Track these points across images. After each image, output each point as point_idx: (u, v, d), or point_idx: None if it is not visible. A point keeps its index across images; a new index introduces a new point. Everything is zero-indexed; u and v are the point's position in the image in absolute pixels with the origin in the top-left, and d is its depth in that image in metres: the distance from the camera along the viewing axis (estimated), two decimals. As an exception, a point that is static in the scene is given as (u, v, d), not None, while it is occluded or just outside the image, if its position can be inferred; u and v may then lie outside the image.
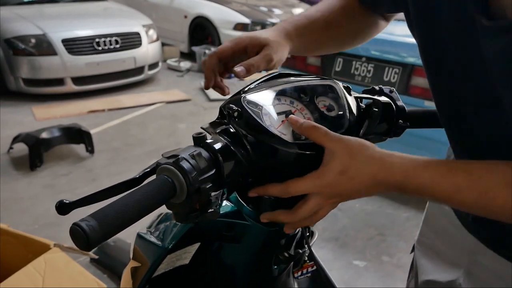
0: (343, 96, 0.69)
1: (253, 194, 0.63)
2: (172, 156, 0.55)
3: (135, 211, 0.49)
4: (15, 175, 3.12)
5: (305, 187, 0.59)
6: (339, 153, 0.58)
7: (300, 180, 0.59)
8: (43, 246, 1.41)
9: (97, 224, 0.45)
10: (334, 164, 0.58)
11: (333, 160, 0.58)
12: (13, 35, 4.51)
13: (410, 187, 0.57)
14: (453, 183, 0.55)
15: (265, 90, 0.66)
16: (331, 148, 0.58)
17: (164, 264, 0.76)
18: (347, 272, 2.26)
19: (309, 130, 0.60)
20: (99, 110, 4.47)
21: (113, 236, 0.48)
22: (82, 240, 0.45)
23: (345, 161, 0.57)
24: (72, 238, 0.46)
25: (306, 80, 0.70)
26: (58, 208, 0.53)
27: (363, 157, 0.58)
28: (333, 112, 0.67)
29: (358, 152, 0.58)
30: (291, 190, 0.60)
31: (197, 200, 0.56)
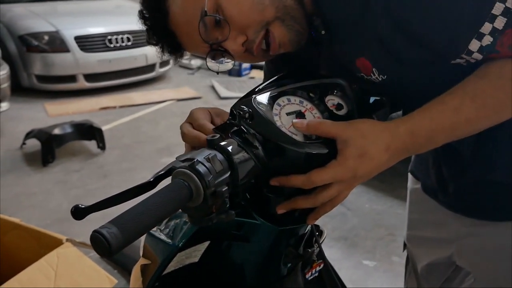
0: (351, 94, 0.69)
1: (275, 182, 0.63)
2: (187, 160, 0.55)
3: (154, 216, 0.49)
4: (27, 170, 3.16)
5: (328, 176, 0.60)
6: (352, 138, 0.59)
7: (323, 170, 0.59)
8: (55, 240, 1.42)
9: (118, 230, 0.45)
10: (351, 150, 0.59)
11: (348, 146, 0.59)
12: (26, 32, 4.57)
13: (420, 140, 0.61)
14: (450, 108, 0.60)
15: (274, 90, 0.67)
16: (342, 137, 0.59)
17: (174, 262, 0.76)
18: (356, 272, 2.25)
19: (316, 127, 0.61)
20: (111, 107, 4.51)
21: (134, 241, 0.48)
22: (104, 247, 0.45)
23: (360, 144, 0.59)
24: (93, 245, 0.46)
25: (314, 79, 0.71)
26: (74, 213, 0.53)
27: (374, 134, 0.60)
28: (342, 110, 0.67)
29: (368, 131, 0.60)
30: (315, 180, 0.60)
31: (213, 203, 0.55)
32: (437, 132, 0.61)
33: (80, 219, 0.53)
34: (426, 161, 0.89)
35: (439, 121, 0.60)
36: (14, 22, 4.69)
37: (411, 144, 0.61)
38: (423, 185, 0.93)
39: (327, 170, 0.59)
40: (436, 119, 0.60)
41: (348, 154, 0.59)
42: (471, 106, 0.59)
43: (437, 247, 0.92)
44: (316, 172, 0.59)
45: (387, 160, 0.60)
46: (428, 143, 0.62)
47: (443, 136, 0.62)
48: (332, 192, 0.61)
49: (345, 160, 0.59)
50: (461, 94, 0.60)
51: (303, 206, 0.64)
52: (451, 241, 0.89)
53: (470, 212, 0.83)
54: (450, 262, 0.91)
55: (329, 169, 0.59)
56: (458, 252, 0.88)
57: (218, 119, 0.72)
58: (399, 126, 0.61)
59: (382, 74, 0.65)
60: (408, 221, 1.02)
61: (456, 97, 0.60)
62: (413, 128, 0.60)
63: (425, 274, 0.99)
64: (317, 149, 0.61)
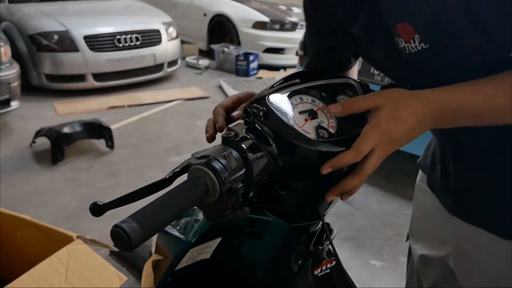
0: (361, 93, 0.70)
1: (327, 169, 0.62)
2: (204, 157, 0.56)
3: (172, 211, 0.50)
4: (37, 168, 3.19)
5: (370, 140, 0.60)
6: (385, 103, 0.61)
7: (362, 136, 0.60)
8: (66, 237, 1.44)
9: (137, 225, 0.46)
10: (384, 113, 0.61)
11: (381, 110, 0.61)
12: (36, 32, 4.61)
13: (447, 113, 0.62)
14: (483, 93, 0.61)
15: (287, 89, 0.68)
16: (376, 104, 0.62)
17: (186, 258, 0.77)
18: (363, 271, 2.25)
19: (351, 105, 0.63)
20: (119, 106, 4.53)
21: (152, 236, 0.49)
22: (124, 242, 0.46)
23: (392, 108, 0.61)
24: (113, 240, 0.47)
25: (327, 79, 0.72)
26: (92, 209, 0.54)
27: (404, 100, 0.62)
28: None
29: (399, 97, 0.62)
30: (362, 148, 0.60)
31: (228, 199, 0.57)
32: (464, 110, 0.62)
33: (99, 216, 0.54)
34: (434, 156, 0.89)
35: (469, 99, 0.61)
36: (24, 22, 4.73)
37: (438, 113, 0.62)
38: (428, 180, 0.93)
39: (368, 135, 0.60)
40: (467, 96, 0.61)
41: (381, 117, 0.61)
42: (503, 98, 0.60)
43: (435, 245, 0.93)
44: (359, 141, 0.60)
45: (416, 124, 0.61)
46: (453, 118, 0.63)
47: (468, 116, 0.63)
48: (376, 159, 0.62)
49: (379, 122, 0.61)
50: (498, 84, 0.61)
51: (352, 185, 0.64)
52: (448, 242, 0.89)
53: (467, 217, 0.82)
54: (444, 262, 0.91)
55: (368, 134, 0.60)
56: (454, 254, 0.88)
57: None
58: (429, 94, 0.62)
59: (425, 42, 0.63)
60: (412, 213, 1.03)
61: (492, 85, 0.61)
62: (443, 98, 0.61)
63: (420, 266, 1.00)
64: (329, 147, 0.62)
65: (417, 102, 0.61)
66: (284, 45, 6.13)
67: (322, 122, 0.65)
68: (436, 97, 0.62)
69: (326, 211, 0.75)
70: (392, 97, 0.62)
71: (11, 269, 1.44)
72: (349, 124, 0.65)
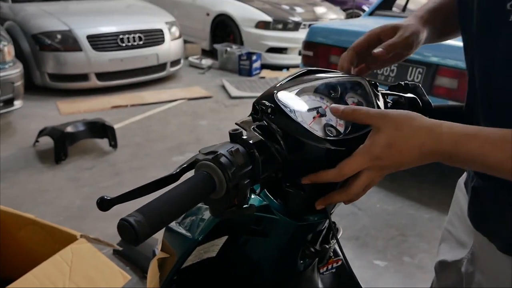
0: (370, 92, 0.70)
1: (306, 181, 0.62)
2: (211, 153, 0.56)
3: (179, 206, 0.50)
4: (40, 167, 3.20)
5: (357, 164, 0.59)
6: (385, 127, 0.58)
7: (350, 160, 0.59)
8: (69, 236, 1.44)
9: (144, 219, 0.46)
10: (380, 138, 0.58)
11: (378, 134, 0.58)
12: (40, 31, 4.62)
13: (459, 157, 0.57)
14: (504, 151, 0.54)
15: (295, 87, 0.67)
16: (375, 124, 0.59)
17: (192, 256, 0.77)
18: (367, 271, 2.24)
19: (351, 114, 0.61)
20: (122, 106, 4.54)
21: (159, 230, 0.48)
22: (131, 235, 0.46)
23: (391, 134, 0.57)
24: (119, 233, 0.46)
25: (335, 77, 0.71)
26: (100, 204, 0.54)
27: (410, 128, 0.57)
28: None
29: (405, 123, 0.58)
30: (346, 171, 0.59)
31: (235, 195, 0.57)
32: (479, 161, 0.56)
33: (106, 210, 0.54)
34: None
35: (487, 152, 0.55)
36: (28, 21, 4.75)
37: (447, 155, 0.57)
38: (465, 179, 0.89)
39: (354, 159, 0.59)
40: (486, 148, 0.55)
41: (376, 142, 0.58)
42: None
43: (455, 247, 0.91)
44: (345, 163, 0.59)
45: (418, 157, 0.58)
46: (463, 162, 0.58)
47: (479, 167, 0.59)
48: (362, 181, 0.61)
49: (372, 147, 0.58)
50: None
51: (339, 200, 0.64)
52: (466, 245, 0.87)
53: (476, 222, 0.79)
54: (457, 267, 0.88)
55: (356, 157, 0.59)
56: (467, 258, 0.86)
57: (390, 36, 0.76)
58: (443, 130, 0.57)
59: None
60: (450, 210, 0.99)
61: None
62: (459, 142, 0.56)
63: (438, 270, 0.99)
64: (336, 146, 0.61)
65: (426, 137, 0.57)
66: (287, 45, 6.14)
67: (330, 120, 0.65)
68: (451, 138, 0.56)
69: (333, 210, 0.74)
70: (396, 123, 0.58)
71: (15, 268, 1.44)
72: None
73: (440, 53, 2.64)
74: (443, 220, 0.99)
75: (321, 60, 3.29)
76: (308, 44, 3.39)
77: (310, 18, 6.39)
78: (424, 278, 2.20)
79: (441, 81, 2.65)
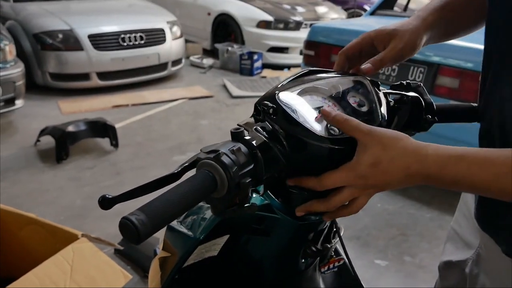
0: (372, 91, 0.69)
1: (291, 183, 0.63)
2: (212, 151, 0.56)
3: (181, 205, 0.50)
4: (41, 167, 3.20)
5: (339, 179, 0.59)
6: (371, 145, 0.57)
7: (334, 173, 0.59)
8: (71, 235, 1.43)
9: (146, 217, 0.46)
10: (365, 157, 0.57)
11: (364, 152, 0.58)
12: (41, 30, 4.62)
13: (446, 179, 0.56)
14: (492, 172, 0.53)
15: (297, 87, 0.67)
16: (363, 141, 0.58)
17: (194, 255, 0.77)
18: (368, 271, 2.24)
19: (341, 122, 0.60)
20: (123, 105, 4.54)
21: (161, 229, 0.48)
22: (133, 234, 0.46)
23: (377, 154, 0.57)
24: (121, 232, 0.46)
25: (337, 76, 0.71)
26: (101, 202, 0.54)
27: (396, 149, 0.57)
28: (364, 107, 0.67)
29: (391, 144, 0.57)
30: (326, 183, 0.60)
31: (236, 194, 0.57)
32: (466, 182, 0.56)
33: (107, 209, 0.54)
34: None
35: (474, 174, 0.54)
36: (29, 21, 4.75)
37: (433, 177, 0.56)
38: None
39: (337, 173, 0.59)
40: (472, 170, 0.54)
41: (361, 160, 0.58)
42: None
43: (461, 247, 0.90)
44: (327, 175, 0.59)
45: (403, 178, 0.57)
46: (450, 184, 0.57)
47: (467, 188, 0.59)
48: (344, 197, 0.60)
49: (357, 165, 0.58)
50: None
51: (318, 210, 0.64)
52: (471, 246, 0.86)
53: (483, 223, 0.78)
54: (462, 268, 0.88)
55: (339, 173, 0.59)
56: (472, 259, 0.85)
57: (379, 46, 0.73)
58: (428, 153, 0.56)
59: None
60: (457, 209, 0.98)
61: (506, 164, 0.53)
62: (445, 165, 0.55)
63: (442, 270, 0.98)
64: (338, 145, 0.61)
65: (412, 159, 0.56)
66: (288, 44, 6.13)
67: None
68: (436, 161, 0.55)
69: None
70: (383, 142, 0.57)
71: (16, 268, 1.44)
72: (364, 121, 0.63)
73: (442, 52, 2.64)
74: (444, 219, 0.99)
75: (322, 59, 3.29)
76: (310, 43, 3.39)
77: (311, 18, 6.39)
78: (425, 277, 2.20)
79: (442, 80, 2.64)
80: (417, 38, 0.74)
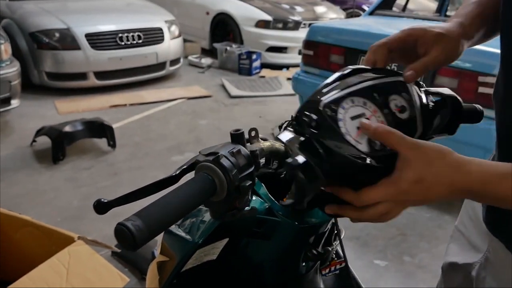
0: (415, 95, 0.64)
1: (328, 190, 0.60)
2: (211, 154, 0.55)
3: (178, 209, 0.49)
4: (38, 168, 3.17)
5: (379, 196, 0.57)
6: (415, 161, 0.55)
7: (373, 189, 0.57)
8: (67, 238, 1.42)
9: (142, 223, 0.45)
10: (409, 173, 0.55)
11: (408, 168, 0.55)
12: (37, 29, 4.59)
13: (488, 196, 0.56)
14: None
15: (340, 92, 0.62)
16: (406, 156, 0.56)
17: (193, 259, 0.75)
18: (368, 271, 2.23)
19: (384, 135, 0.57)
20: (121, 105, 4.52)
21: (157, 235, 0.47)
22: (128, 240, 0.44)
23: (421, 170, 0.55)
24: (117, 238, 0.45)
25: (378, 77, 0.65)
26: (96, 207, 0.52)
27: (440, 166, 0.55)
28: (406, 113, 0.63)
29: (436, 160, 0.55)
30: (365, 199, 0.57)
31: (236, 198, 0.55)
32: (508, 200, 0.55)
33: (103, 214, 0.53)
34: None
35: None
36: (25, 19, 4.72)
37: (476, 192, 0.56)
38: None
39: (378, 189, 0.56)
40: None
41: (404, 176, 0.55)
42: None
43: (467, 250, 0.88)
44: (367, 191, 0.57)
45: (447, 195, 0.56)
46: (493, 201, 0.57)
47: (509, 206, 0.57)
48: (379, 210, 0.58)
49: (400, 181, 0.55)
50: None
51: (351, 216, 0.61)
52: (479, 249, 0.84)
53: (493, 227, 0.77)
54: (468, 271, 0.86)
55: (380, 188, 0.56)
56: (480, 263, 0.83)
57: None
58: (472, 169, 0.55)
59: None
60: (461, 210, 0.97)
61: None
62: (487, 182, 0.55)
63: (446, 272, 0.97)
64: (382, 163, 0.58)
65: (457, 175, 0.55)
66: (287, 44, 6.13)
67: None
68: (480, 178, 0.55)
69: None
70: (428, 157, 0.55)
71: (11, 271, 1.42)
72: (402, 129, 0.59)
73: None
74: (444, 219, 0.98)
75: (321, 59, 3.27)
76: (309, 43, 3.38)
77: (310, 18, 6.38)
78: (425, 277, 2.19)
79: (441, 80, 2.63)
80: (460, 47, 0.70)
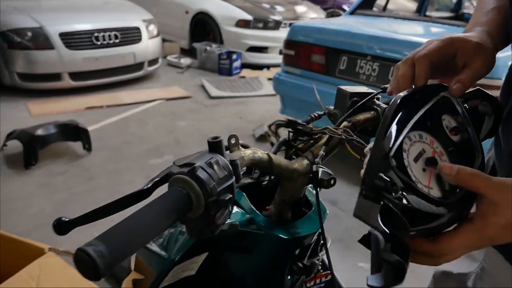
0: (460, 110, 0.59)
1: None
2: (186, 165, 0.49)
3: (149, 230, 0.43)
4: (8, 173, 3.04)
5: (461, 244, 0.51)
6: (503, 204, 0.50)
7: (454, 238, 0.51)
8: (37, 250, 1.34)
9: (106, 248, 0.39)
10: (497, 218, 0.50)
11: (496, 212, 0.50)
12: (8, 28, 4.42)
13: None
14: None
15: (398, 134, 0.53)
16: (493, 200, 0.50)
17: (170, 276, 0.70)
18: (351, 274, 2.19)
19: (467, 180, 0.51)
20: (97, 107, 4.41)
21: (124, 260, 0.41)
22: (90, 269, 0.38)
23: (510, 213, 0.49)
24: (77, 267, 0.39)
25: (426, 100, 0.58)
26: (56, 226, 0.47)
27: None
28: (457, 136, 0.57)
29: None
30: (446, 250, 0.52)
31: (215, 213, 0.49)
32: None
33: (64, 234, 0.47)
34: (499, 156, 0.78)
35: None
36: (-4, 19, 4.55)
37: None
38: None
39: (460, 238, 0.51)
40: None
41: (492, 222, 0.50)
42: None
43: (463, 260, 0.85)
44: (446, 240, 0.51)
45: None
46: None
47: None
48: (459, 255, 0.53)
49: (486, 227, 0.51)
50: None
51: (426, 264, 0.55)
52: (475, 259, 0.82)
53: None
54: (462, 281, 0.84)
55: (463, 236, 0.51)
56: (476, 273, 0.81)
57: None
58: None
59: None
60: None
61: None
62: None
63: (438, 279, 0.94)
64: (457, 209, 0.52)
65: None
66: (268, 44, 6.11)
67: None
68: None
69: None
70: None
71: (-23, 285, 1.33)
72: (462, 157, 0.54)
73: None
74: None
75: (302, 59, 3.24)
76: (290, 43, 3.34)
77: (290, 17, 6.37)
78: (409, 281, 2.15)
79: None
80: (494, 58, 0.65)
